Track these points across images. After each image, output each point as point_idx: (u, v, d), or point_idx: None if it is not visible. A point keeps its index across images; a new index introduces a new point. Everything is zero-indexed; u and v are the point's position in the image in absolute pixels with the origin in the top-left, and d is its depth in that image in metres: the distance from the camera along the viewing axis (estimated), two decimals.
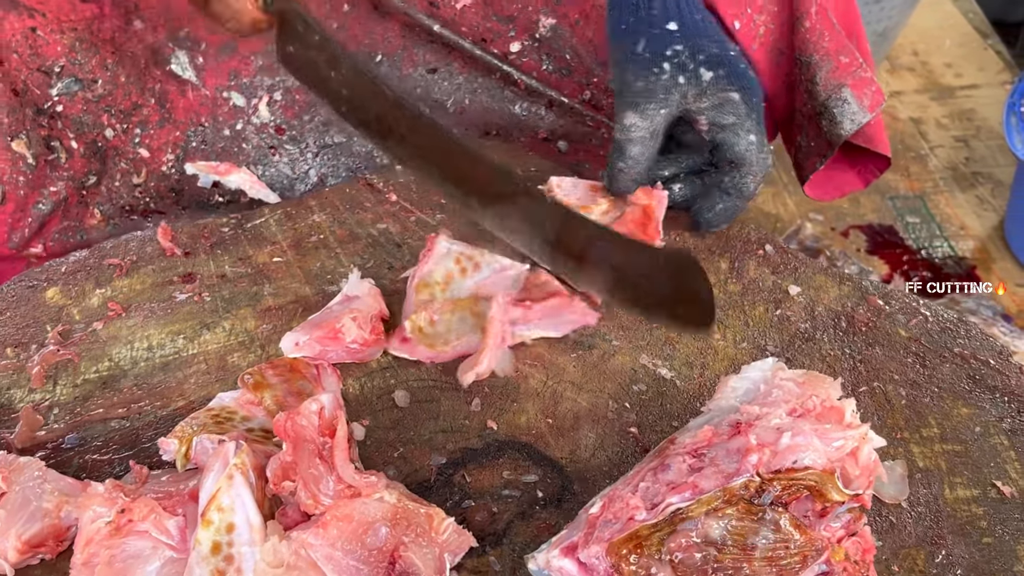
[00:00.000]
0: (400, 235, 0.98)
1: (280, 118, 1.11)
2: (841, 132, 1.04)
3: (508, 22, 1.12)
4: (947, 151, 2.02)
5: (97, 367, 0.86)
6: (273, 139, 1.11)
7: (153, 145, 1.07)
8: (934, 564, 0.74)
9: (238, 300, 0.92)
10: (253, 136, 1.10)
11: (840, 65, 1.05)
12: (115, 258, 0.95)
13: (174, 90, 1.07)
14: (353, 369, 0.85)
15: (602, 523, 0.68)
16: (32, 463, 0.73)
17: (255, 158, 1.11)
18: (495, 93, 1.17)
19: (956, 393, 0.85)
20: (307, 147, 1.12)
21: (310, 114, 1.12)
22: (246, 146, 1.10)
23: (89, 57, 1.02)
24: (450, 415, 0.82)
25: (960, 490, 0.78)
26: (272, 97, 1.10)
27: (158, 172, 1.08)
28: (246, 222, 0.99)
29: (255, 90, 1.09)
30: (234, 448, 0.67)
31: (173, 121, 1.07)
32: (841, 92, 1.05)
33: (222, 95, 1.09)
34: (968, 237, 1.84)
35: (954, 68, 2.23)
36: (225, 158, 1.10)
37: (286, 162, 1.12)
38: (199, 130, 1.09)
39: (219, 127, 1.09)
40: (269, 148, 1.11)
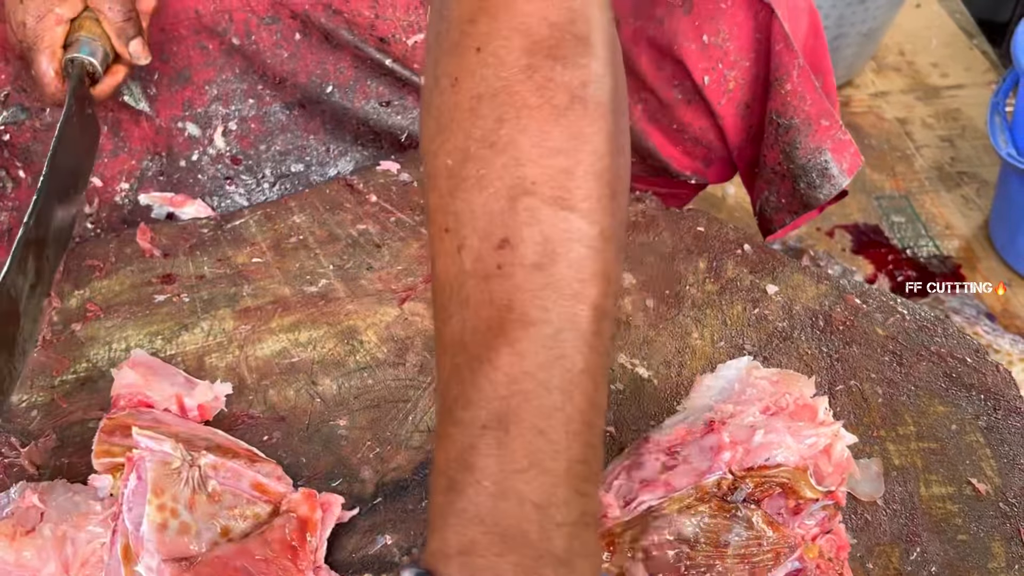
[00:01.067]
0: (380, 236, 0.98)
1: (236, 148, 1.10)
2: (820, 196, 1.05)
3: None
4: (933, 151, 2.03)
5: (75, 368, 0.86)
6: (229, 169, 1.10)
7: (106, 174, 1.06)
8: (909, 561, 0.74)
9: (217, 301, 0.92)
10: (209, 167, 1.09)
11: (820, 129, 1.05)
12: (94, 259, 0.95)
13: (127, 119, 1.05)
14: (331, 368, 0.86)
15: None
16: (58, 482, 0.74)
17: (211, 189, 1.09)
18: None
19: (932, 391, 0.86)
20: (264, 177, 1.11)
21: (266, 143, 1.11)
22: (202, 177, 1.09)
23: (36, 86, 1.01)
24: (427, 415, 0.82)
25: (935, 487, 0.79)
26: (227, 127, 1.09)
27: (110, 202, 1.06)
28: (225, 223, 1.00)
29: (210, 120, 1.08)
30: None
31: (128, 150, 1.06)
32: (821, 157, 1.05)
33: (176, 125, 1.07)
34: (953, 236, 1.85)
35: (940, 68, 2.24)
36: (181, 189, 1.08)
37: (242, 192, 1.11)
38: (155, 159, 1.07)
39: (175, 157, 1.08)
40: (225, 179, 1.10)
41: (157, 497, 0.65)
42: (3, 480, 0.77)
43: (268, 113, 1.09)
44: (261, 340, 0.88)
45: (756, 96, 1.10)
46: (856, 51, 2.09)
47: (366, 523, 0.74)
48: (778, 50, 1.04)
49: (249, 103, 1.08)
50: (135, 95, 1.03)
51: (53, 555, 0.67)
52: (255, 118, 1.09)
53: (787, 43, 1.03)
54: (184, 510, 0.66)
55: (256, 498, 0.70)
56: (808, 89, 1.05)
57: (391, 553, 0.72)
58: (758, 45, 1.07)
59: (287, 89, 1.08)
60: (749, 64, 1.07)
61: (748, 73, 1.08)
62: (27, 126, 1.01)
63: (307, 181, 1.12)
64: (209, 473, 0.68)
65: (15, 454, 0.79)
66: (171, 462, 0.67)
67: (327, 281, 0.94)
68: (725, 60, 1.06)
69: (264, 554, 0.66)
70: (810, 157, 1.05)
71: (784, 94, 1.04)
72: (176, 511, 0.66)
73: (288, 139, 1.11)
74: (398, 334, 0.89)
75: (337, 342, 0.88)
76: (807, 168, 1.06)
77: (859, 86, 2.18)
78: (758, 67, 1.08)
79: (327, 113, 1.10)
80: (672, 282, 0.94)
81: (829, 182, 1.06)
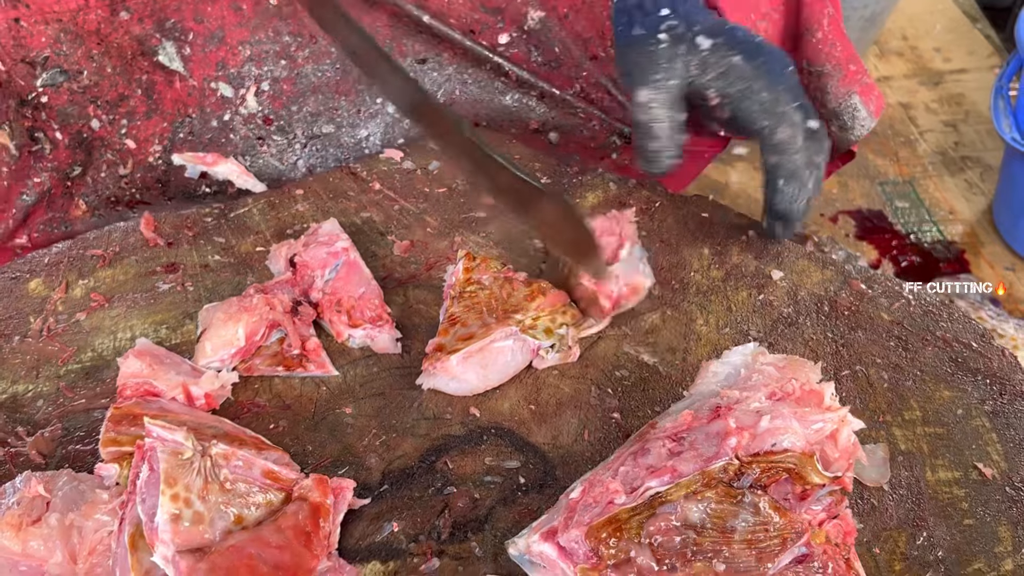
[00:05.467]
0: (384, 223, 0.98)
1: (268, 108, 1.11)
2: (851, 137, 1.09)
3: (496, 13, 1.12)
4: (936, 136, 2.02)
5: (80, 358, 0.86)
6: (261, 130, 1.11)
7: (140, 136, 1.07)
8: (915, 546, 0.74)
9: (221, 289, 0.91)
10: (241, 127, 1.10)
11: (849, 73, 1.08)
12: (98, 249, 0.95)
13: (161, 81, 1.06)
14: (336, 357, 0.85)
15: (582, 507, 0.68)
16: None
17: (243, 149, 1.10)
18: (485, 84, 1.16)
19: (938, 376, 0.85)
20: (295, 138, 1.12)
21: (298, 104, 1.12)
22: (234, 137, 1.10)
23: (74, 48, 1.02)
24: (432, 402, 0.82)
25: (942, 472, 0.79)
26: (260, 87, 1.10)
27: (145, 163, 1.08)
28: (229, 212, 0.99)
29: (243, 80, 1.09)
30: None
31: (160, 112, 1.07)
32: (851, 99, 1.08)
33: (210, 86, 1.08)
34: (957, 221, 1.84)
35: (943, 53, 2.23)
36: (213, 149, 1.09)
37: (274, 153, 1.11)
38: (187, 121, 1.08)
39: (207, 118, 1.09)
40: (257, 139, 1.11)
41: (170, 487, 0.65)
42: (9, 470, 0.77)
43: (300, 74, 1.10)
44: None
45: (786, 48, 1.12)
46: (858, 36, 2.08)
47: (373, 510, 0.74)
48: (808, 1, 1.08)
49: (282, 64, 1.09)
50: (170, 55, 1.03)
51: (60, 544, 0.67)
52: (287, 79, 1.10)
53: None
54: (197, 500, 0.66)
55: (268, 486, 0.70)
56: (838, 36, 1.08)
57: (398, 540, 0.72)
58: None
59: (321, 49, 1.09)
60: (779, 16, 1.10)
61: (777, 24, 1.11)
62: (64, 88, 1.02)
63: (338, 142, 1.13)
64: (220, 462, 0.68)
65: (21, 443, 0.79)
66: (183, 452, 0.67)
67: None
68: (757, 11, 1.08)
69: (278, 541, 0.66)
70: (841, 100, 1.09)
71: (816, 42, 1.08)
72: (189, 501, 0.65)
73: (320, 100, 1.12)
74: (403, 322, 0.88)
75: None
76: (839, 112, 1.10)
77: None
78: (787, 19, 1.11)
79: (359, 74, 1.11)
80: (677, 269, 0.94)
81: (859, 123, 1.10)
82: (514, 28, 1.13)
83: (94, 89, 1.04)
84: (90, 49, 1.02)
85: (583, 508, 0.68)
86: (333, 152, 1.13)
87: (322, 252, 0.88)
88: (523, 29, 1.14)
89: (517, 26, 1.13)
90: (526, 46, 1.15)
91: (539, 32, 1.14)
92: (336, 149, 1.13)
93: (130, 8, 1.02)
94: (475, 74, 1.16)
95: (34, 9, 0.99)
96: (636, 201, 1.00)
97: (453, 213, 1.00)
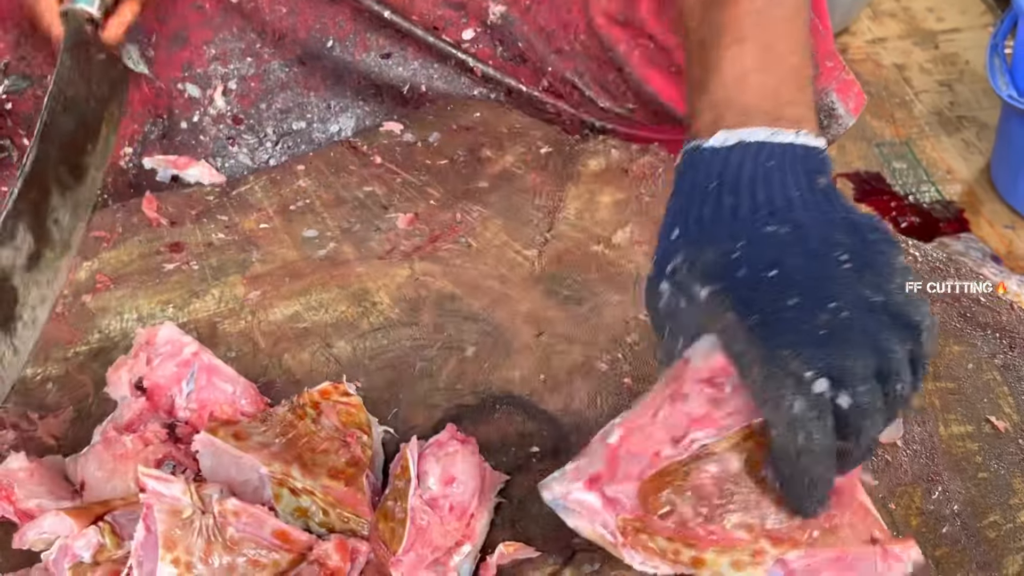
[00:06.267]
0: (386, 197, 0.98)
1: (237, 107, 1.09)
2: (828, 136, 1.07)
3: (459, 9, 1.10)
4: (931, 96, 2.02)
5: (88, 339, 0.85)
6: (231, 129, 1.09)
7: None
8: (931, 500, 0.74)
9: (226, 268, 0.91)
10: (211, 127, 1.09)
11: (825, 70, 1.06)
12: (101, 230, 0.94)
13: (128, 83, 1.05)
14: (345, 330, 0.85)
15: (625, 456, 0.66)
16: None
17: (214, 150, 1.09)
18: (452, 80, 1.14)
19: (947, 331, 0.85)
20: (266, 136, 1.11)
21: (267, 102, 1.10)
22: (204, 138, 1.09)
23: (35, 52, 1.00)
24: (444, 373, 0.82)
25: (954, 427, 0.79)
26: (227, 86, 1.08)
27: (116, 167, 1.06)
28: (231, 190, 0.99)
29: (209, 80, 1.08)
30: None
31: (130, 114, 1.05)
32: (828, 98, 1.06)
33: (176, 87, 1.07)
34: (955, 181, 1.84)
35: (936, 12, 2.22)
36: (183, 151, 1.08)
37: (245, 152, 1.10)
38: (157, 123, 1.07)
39: (176, 120, 1.07)
40: (227, 139, 1.09)
41: (169, 552, 0.62)
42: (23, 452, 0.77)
43: (267, 71, 1.09)
44: (273, 305, 0.88)
45: None
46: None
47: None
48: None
49: (248, 61, 1.08)
50: (133, 58, 1.02)
51: None
52: (254, 77, 1.09)
53: None
54: (199, 563, 0.62)
55: (277, 547, 0.66)
56: (813, 32, 1.05)
57: None
58: None
59: (286, 46, 1.07)
60: None
61: None
62: (28, 94, 1.01)
63: (309, 139, 1.12)
64: (229, 519, 0.64)
65: (33, 427, 0.79)
66: (182, 510, 0.63)
67: (335, 244, 0.93)
68: None
69: None
70: (817, 99, 1.06)
71: None
72: (191, 564, 0.62)
73: (288, 97, 1.11)
74: (410, 294, 0.88)
75: (349, 304, 0.88)
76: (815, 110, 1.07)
77: (855, 33, 2.17)
78: None
79: (327, 69, 1.10)
80: None
81: (836, 122, 1.07)
82: (477, 23, 1.12)
83: None
84: (52, 53, 1.01)
85: (627, 457, 0.66)
86: (305, 148, 1.12)
87: (171, 366, 0.78)
88: (486, 24, 1.12)
89: (480, 21, 1.12)
90: (491, 41, 1.13)
91: (502, 27, 1.12)
92: (308, 145, 1.12)
93: None
94: (440, 70, 1.13)
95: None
96: (639, 167, 1.00)
97: (455, 184, 0.99)
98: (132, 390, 0.77)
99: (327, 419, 0.72)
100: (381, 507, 0.68)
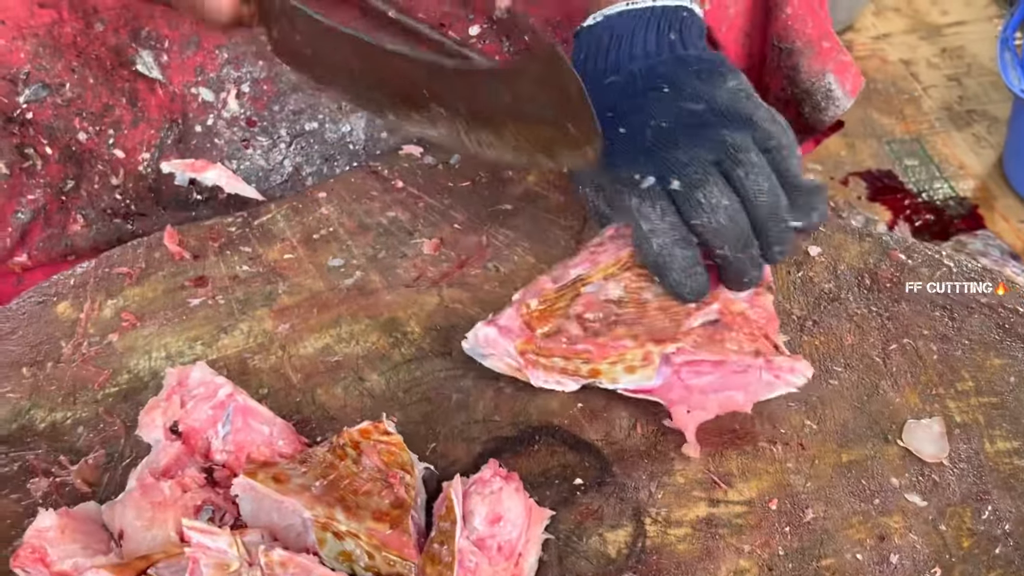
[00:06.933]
0: (411, 222, 0.96)
1: (250, 110, 1.09)
2: (824, 119, 1.07)
3: (465, 5, 1.09)
4: (940, 91, 2.01)
5: (116, 380, 0.84)
6: (245, 132, 1.09)
7: (128, 145, 1.05)
8: (981, 520, 0.73)
9: (253, 301, 0.90)
10: (225, 130, 1.08)
11: (822, 51, 1.06)
12: (123, 266, 0.93)
13: (144, 88, 1.04)
14: (377, 362, 0.84)
15: (520, 301, 0.81)
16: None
17: (228, 153, 1.08)
18: None
19: (987, 344, 0.84)
20: (280, 137, 1.10)
21: (280, 104, 1.09)
22: (219, 141, 1.08)
23: (54, 62, 1.00)
24: (481, 404, 0.81)
25: (1000, 443, 0.78)
26: (240, 89, 1.08)
27: (135, 172, 1.06)
28: (253, 220, 0.98)
29: (222, 84, 1.07)
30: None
31: (147, 119, 1.05)
32: (825, 79, 1.06)
33: (190, 91, 1.06)
34: (968, 176, 1.83)
35: (939, 5, 2.21)
36: (199, 154, 1.08)
37: (259, 154, 1.09)
38: (173, 127, 1.06)
39: (191, 124, 1.07)
40: (241, 141, 1.09)
41: None
42: (56, 501, 0.76)
43: (279, 73, 1.08)
44: (302, 338, 0.87)
45: (756, 24, 1.10)
46: None
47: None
48: None
49: (260, 64, 1.07)
50: (148, 63, 1.01)
51: None
52: (267, 79, 1.08)
53: None
54: None
55: None
56: (809, 12, 1.06)
57: None
58: None
59: None
60: None
61: (747, 1, 1.08)
62: (48, 103, 1.00)
63: (322, 139, 1.11)
64: (276, 571, 0.63)
65: (66, 473, 0.78)
66: (229, 563, 0.63)
67: (362, 272, 0.92)
68: None
69: None
70: (814, 80, 1.07)
71: (785, 18, 1.06)
72: None
73: (300, 98, 1.10)
74: (441, 323, 0.87)
75: (380, 335, 0.87)
76: (811, 91, 1.07)
77: (860, 30, 2.15)
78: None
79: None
80: None
81: (834, 104, 1.08)
82: (483, 19, 1.11)
83: (78, 101, 1.02)
84: (70, 62, 1.00)
85: (520, 300, 0.81)
86: (318, 149, 1.11)
87: (206, 408, 0.77)
88: (492, 19, 1.11)
89: (486, 16, 1.11)
90: (497, 37, 1.12)
91: (507, 21, 1.11)
92: (321, 146, 1.11)
93: (104, 19, 1.00)
94: None
95: (10, 25, 0.97)
96: None
97: (479, 207, 0.98)
98: (167, 433, 0.76)
99: (368, 459, 0.71)
100: (427, 550, 0.67)
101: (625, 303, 0.79)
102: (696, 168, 0.75)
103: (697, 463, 0.76)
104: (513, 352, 0.79)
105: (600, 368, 0.78)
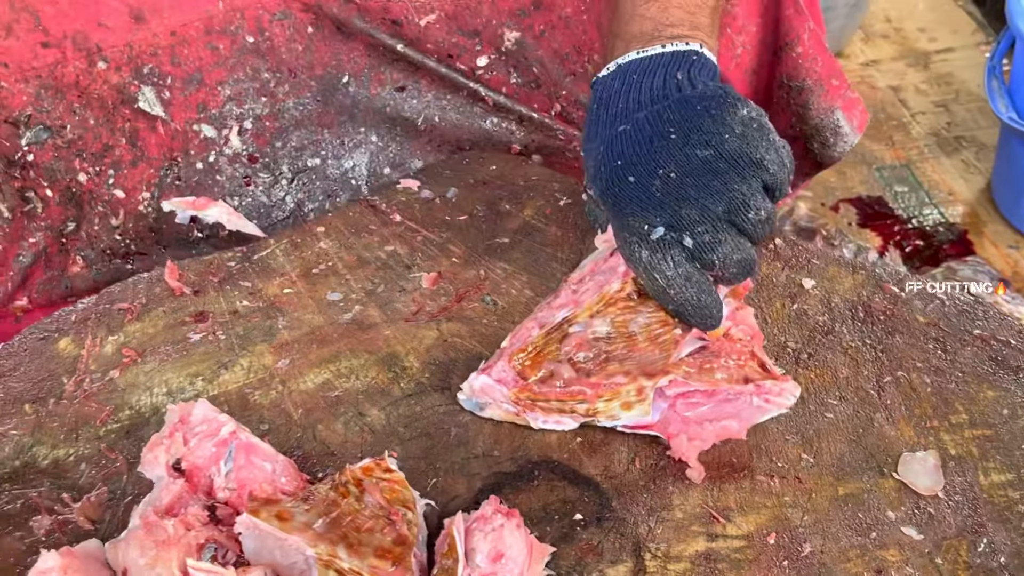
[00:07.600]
0: (409, 256, 0.97)
1: (252, 146, 1.09)
2: (834, 154, 1.09)
3: (474, 36, 1.10)
4: (928, 117, 2.03)
5: (118, 416, 0.85)
6: (247, 168, 1.09)
7: (128, 185, 1.06)
8: (977, 553, 0.74)
9: (252, 336, 0.91)
10: (227, 167, 1.09)
11: (831, 88, 1.08)
12: (124, 302, 0.94)
13: (144, 127, 1.05)
14: (377, 398, 0.85)
15: (509, 349, 0.83)
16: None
17: (230, 189, 1.09)
18: (464, 110, 1.15)
19: (980, 376, 0.85)
20: (281, 174, 1.11)
21: (282, 140, 1.10)
22: (220, 178, 1.09)
23: (56, 103, 1.00)
24: (480, 439, 0.82)
25: (994, 475, 0.79)
26: (242, 126, 1.08)
27: (135, 212, 1.06)
28: (252, 255, 0.98)
29: (225, 120, 1.08)
30: None
31: (146, 159, 1.06)
32: (834, 115, 1.08)
33: (192, 128, 1.07)
34: (957, 202, 1.85)
35: (928, 32, 2.24)
36: (200, 192, 1.08)
37: (261, 190, 1.10)
38: (173, 165, 1.07)
39: (192, 161, 1.07)
40: (243, 178, 1.09)
41: None
42: (59, 538, 0.76)
43: (282, 110, 1.09)
44: (302, 374, 0.87)
45: (763, 62, 1.12)
46: (843, 22, 2.08)
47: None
48: (788, 15, 1.07)
49: (262, 101, 1.08)
50: (150, 100, 1.02)
51: None
52: (269, 116, 1.09)
53: (796, 7, 1.06)
54: None
55: None
56: (819, 51, 1.08)
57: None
58: (765, 11, 1.09)
59: (301, 83, 1.08)
60: (756, 29, 1.09)
61: (755, 38, 1.10)
62: (49, 144, 1.01)
63: (324, 175, 1.12)
64: None
65: (68, 510, 0.78)
66: None
67: (361, 307, 0.93)
68: (733, 24, 1.07)
69: None
70: (823, 117, 1.09)
71: (796, 56, 1.07)
72: None
73: (303, 134, 1.11)
74: (439, 357, 0.88)
75: (379, 370, 0.87)
76: (820, 128, 1.09)
77: (849, 56, 2.18)
78: (764, 32, 1.10)
79: (341, 105, 1.10)
80: None
81: (842, 140, 1.10)
82: (492, 50, 1.12)
83: (78, 142, 1.02)
84: (71, 103, 1.01)
85: (510, 348, 0.82)
86: (320, 184, 1.12)
87: (208, 446, 0.77)
88: (501, 51, 1.12)
89: (495, 48, 1.12)
90: (505, 68, 1.14)
91: (516, 53, 1.13)
92: (323, 181, 1.12)
93: (107, 58, 1.00)
94: (453, 100, 1.14)
95: (12, 68, 0.97)
96: None
97: (477, 240, 0.99)
98: (170, 471, 0.76)
99: (370, 496, 0.72)
100: None
101: (614, 338, 0.81)
102: (707, 227, 0.77)
103: (695, 497, 0.77)
104: (509, 400, 0.81)
105: (597, 407, 0.79)
